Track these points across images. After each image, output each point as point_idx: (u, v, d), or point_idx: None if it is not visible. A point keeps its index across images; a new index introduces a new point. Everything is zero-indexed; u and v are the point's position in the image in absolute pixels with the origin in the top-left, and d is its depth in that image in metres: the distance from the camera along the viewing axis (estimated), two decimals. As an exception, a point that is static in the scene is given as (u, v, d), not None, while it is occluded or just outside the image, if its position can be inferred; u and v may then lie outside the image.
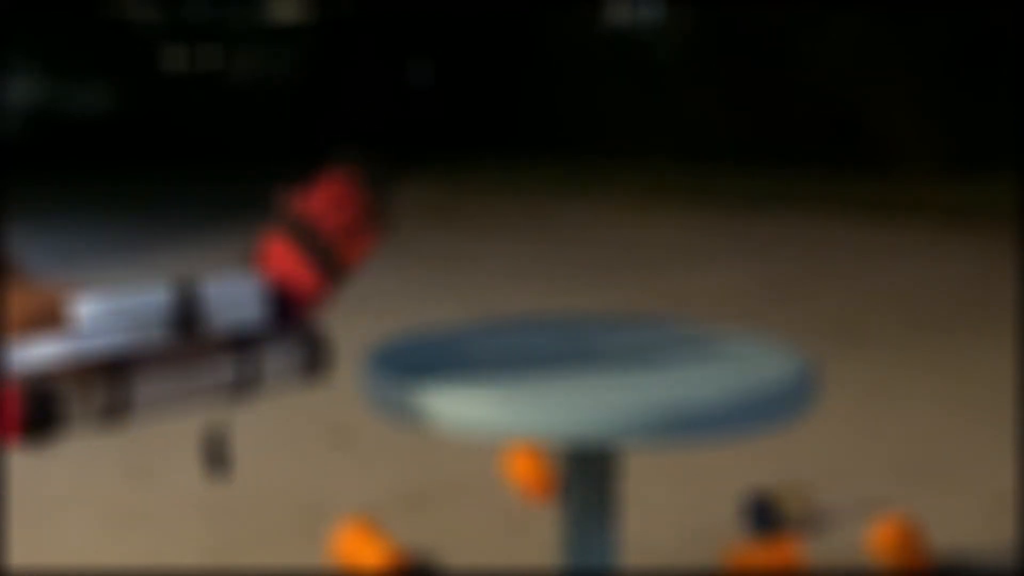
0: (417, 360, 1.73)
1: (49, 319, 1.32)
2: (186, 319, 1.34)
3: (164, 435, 3.64)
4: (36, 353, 1.27)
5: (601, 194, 8.98)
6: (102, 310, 1.31)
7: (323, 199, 1.43)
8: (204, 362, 1.34)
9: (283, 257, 1.41)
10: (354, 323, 5.07)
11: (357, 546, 2.69)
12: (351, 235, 1.43)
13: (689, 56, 10.25)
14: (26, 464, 3.38)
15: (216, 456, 1.41)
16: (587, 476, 1.80)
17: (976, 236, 7.07)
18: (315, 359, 1.41)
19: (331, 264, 1.42)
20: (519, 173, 9.86)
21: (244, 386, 1.37)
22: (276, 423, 3.78)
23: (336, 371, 4.35)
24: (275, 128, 11.95)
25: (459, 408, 1.54)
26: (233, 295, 1.37)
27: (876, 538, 2.72)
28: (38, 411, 1.21)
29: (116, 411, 1.29)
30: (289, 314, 1.41)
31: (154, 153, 11.29)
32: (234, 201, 8.80)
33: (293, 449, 3.54)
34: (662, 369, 1.70)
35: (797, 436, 3.62)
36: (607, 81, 10.46)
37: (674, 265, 6.37)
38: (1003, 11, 8.51)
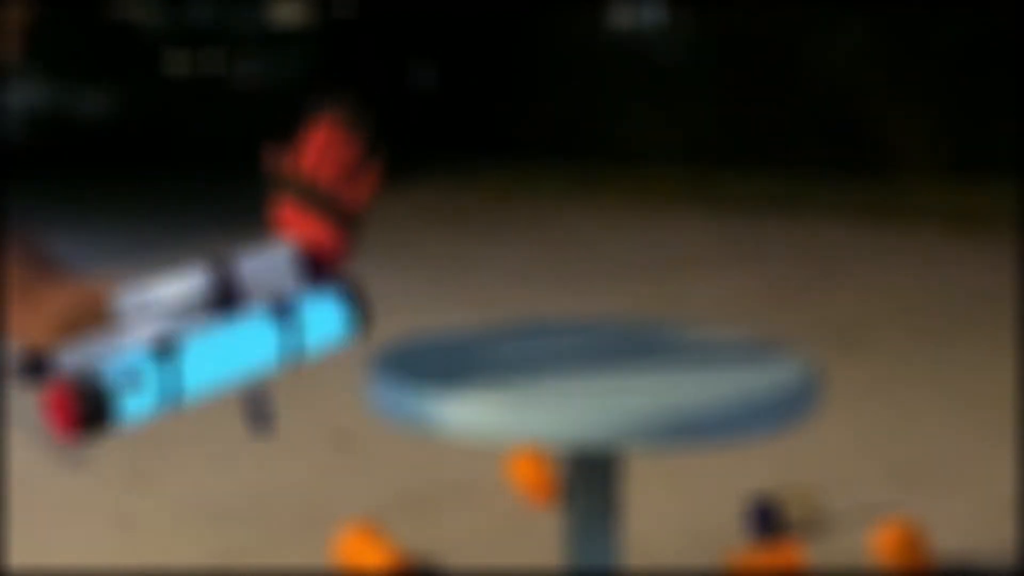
0: (420, 364, 1.74)
1: (93, 316, 1.33)
2: (226, 298, 1.35)
3: (166, 439, 3.64)
4: (86, 352, 1.29)
5: (605, 198, 8.98)
6: (143, 302, 1.32)
7: (313, 151, 1.43)
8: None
9: (295, 220, 1.42)
10: (357, 326, 5.06)
11: (359, 549, 2.70)
12: (350, 179, 1.43)
13: (693, 60, 10.25)
14: (29, 469, 3.39)
15: (258, 412, 1.42)
16: (590, 480, 1.80)
17: (977, 241, 7.07)
18: (355, 314, 1.41)
19: (340, 213, 1.42)
20: (522, 177, 9.87)
21: (290, 352, 1.39)
22: (280, 427, 3.78)
23: (338, 376, 4.35)
24: (279, 132, 11.94)
25: (462, 412, 1.55)
26: (267, 267, 1.38)
27: (878, 542, 2.73)
28: (94, 407, 1.23)
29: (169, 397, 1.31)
30: (320, 274, 1.42)
31: (158, 157, 11.30)
32: (238, 205, 8.80)
33: (296, 452, 3.55)
34: (665, 373, 1.70)
35: (800, 440, 3.62)
36: (611, 84, 10.46)
37: (677, 269, 6.38)
38: (1005, 17, 8.51)
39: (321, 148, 1.43)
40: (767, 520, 2.86)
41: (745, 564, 2.62)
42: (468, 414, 1.54)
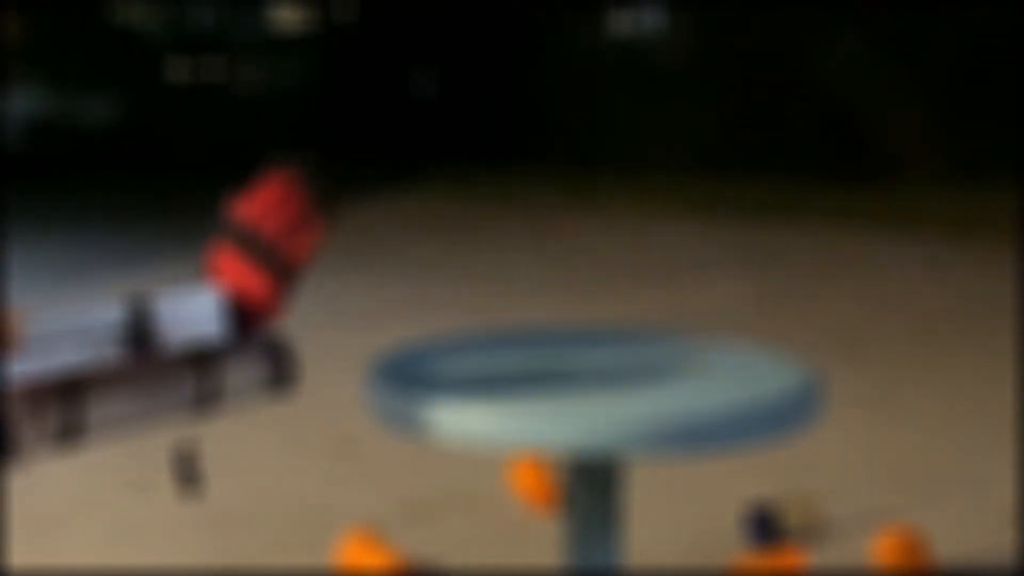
0: (421, 372, 1.74)
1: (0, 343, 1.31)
2: (139, 335, 1.32)
3: (166, 448, 3.65)
4: None
5: (605, 205, 8.99)
6: (52, 330, 1.30)
7: (261, 202, 1.43)
8: (163, 379, 1.33)
9: (232, 267, 1.41)
10: (358, 334, 5.07)
11: (362, 555, 2.70)
12: (293, 233, 1.43)
13: (693, 67, 10.27)
14: (29, 478, 3.39)
15: (187, 473, 1.40)
16: (591, 487, 1.81)
17: (978, 247, 7.07)
18: (280, 371, 1.40)
19: (278, 266, 1.42)
20: (523, 184, 9.88)
21: (205, 402, 1.36)
22: (281, 433, 3.78)
23: (341, 383, 4.36)
24: (280, 137, 11.96)
25: (463, 419, 1.55)
26: (189, 310, 1.36)
27: (879, 548, 2.73)
28: None
29: (71, 433, 1.27)
30: (248, 324, 1.41)
31: (159, 163, 11.31)
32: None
33: (298, 459, 3.55)
34: (666, 381, 1.71)
35: (800, 446, 3.63)
36: (612, 92, 10.48)
37: (678, 276, 6.38)
38: (1006, 23, 8.53)
39: (270, 201, 1.43)
40: (766, 528, 2.86)
41: (745, 571, 2.62)
42: (469, 422, 1.55)
